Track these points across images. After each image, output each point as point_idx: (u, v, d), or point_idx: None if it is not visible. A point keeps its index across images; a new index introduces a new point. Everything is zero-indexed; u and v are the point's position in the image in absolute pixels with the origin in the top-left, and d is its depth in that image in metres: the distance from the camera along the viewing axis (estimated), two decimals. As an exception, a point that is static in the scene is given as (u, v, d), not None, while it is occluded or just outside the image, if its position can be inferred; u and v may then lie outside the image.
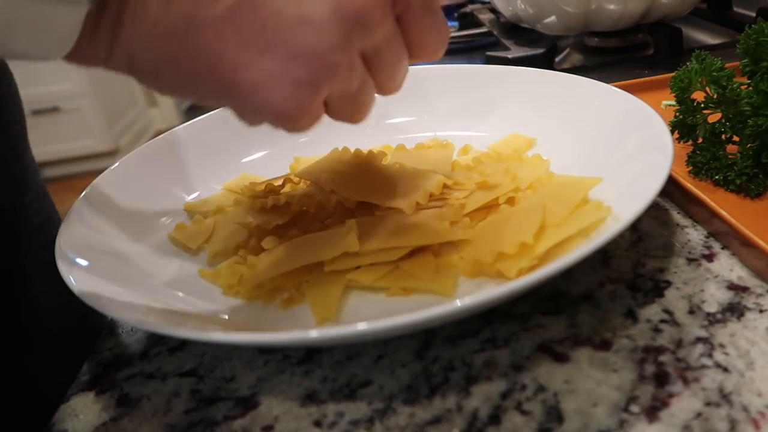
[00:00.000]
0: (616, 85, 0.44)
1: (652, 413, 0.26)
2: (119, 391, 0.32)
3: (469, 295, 0.28)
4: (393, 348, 0.31)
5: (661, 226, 0.37)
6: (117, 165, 0.45)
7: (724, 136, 0.39)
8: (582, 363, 0.29)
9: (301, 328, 0.33)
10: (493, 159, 0.44)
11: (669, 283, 0.33)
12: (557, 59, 0.71)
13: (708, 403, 0.26)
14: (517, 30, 0.76)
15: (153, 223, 0.43)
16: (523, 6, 0.67)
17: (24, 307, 0.44)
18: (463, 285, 0.34)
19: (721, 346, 0.28)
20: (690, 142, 0.40)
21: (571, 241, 0.33)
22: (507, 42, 0.72)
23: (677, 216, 0.38)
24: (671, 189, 0.39)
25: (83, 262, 0.35)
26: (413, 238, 0.36)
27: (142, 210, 0.43)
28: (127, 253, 0.39)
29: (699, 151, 0.39)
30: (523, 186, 0.39)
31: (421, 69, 0.52)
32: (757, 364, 0.27)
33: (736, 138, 0.38)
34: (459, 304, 0.26)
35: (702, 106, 0.39)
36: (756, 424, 0.25)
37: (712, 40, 0.70)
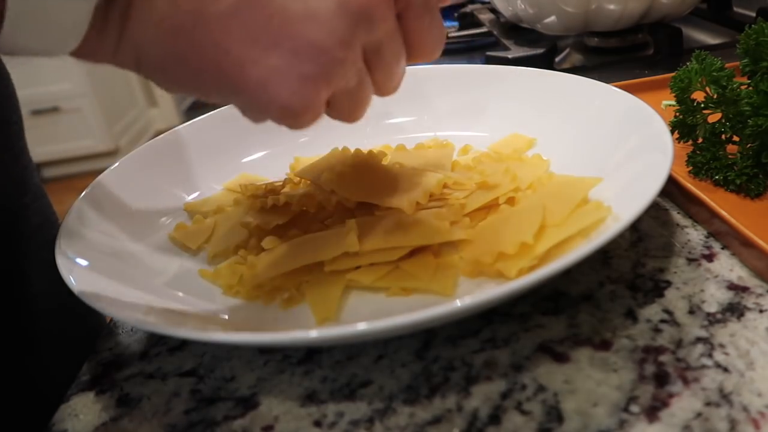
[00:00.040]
0: (616, 85, 0.44)
1: (652, 413, 0.26)
2: (119, 391, 0.32)
3: (469, 295, 0.28)
4: (393, 348, 0.31)
5: (661, 226, 0.37)
6: (117, 165, 0.45)
7: (724, 136, 0.39)
8: (582, 363, 0.29)
9: (301, 328, 0.33)
10: (493, 159, 0.44)
11: (669, 283, 0.33)
12: (557, 59, 0.71)
13: (708, 403, 0.26)
14: (517, 30, 0.76)
15: (153, 223, 0.43)
16: (523, 6, 0.67)
17: (23, 308, 0.44)
18: (463, 285, 0.34)
19: (721, 346, 0.28)
20: (690, 142, 0.40)
21: (571, 241, 0.33)
22: (507, 42, 0.72)
23: (677, 216, 0.38)
24: (671, 189, 0.39)
25: (83, 262, 0.35)
26: (413, 238, 0.36)
27: (142, 210, 0.43)
28: (127, 252, 0.39)
29: (699, 151, 0.39)
30: (523, 186, 0.39)
31: (421, 69, 0.52)
32: (757, 364, 0.27)
33: (736, 138, 0.38)
34: (459, 304, 0.26)
35: (702, 106, 0.39)
36: (756, 424, 0.25)
37: (712, 40, 0.70)
